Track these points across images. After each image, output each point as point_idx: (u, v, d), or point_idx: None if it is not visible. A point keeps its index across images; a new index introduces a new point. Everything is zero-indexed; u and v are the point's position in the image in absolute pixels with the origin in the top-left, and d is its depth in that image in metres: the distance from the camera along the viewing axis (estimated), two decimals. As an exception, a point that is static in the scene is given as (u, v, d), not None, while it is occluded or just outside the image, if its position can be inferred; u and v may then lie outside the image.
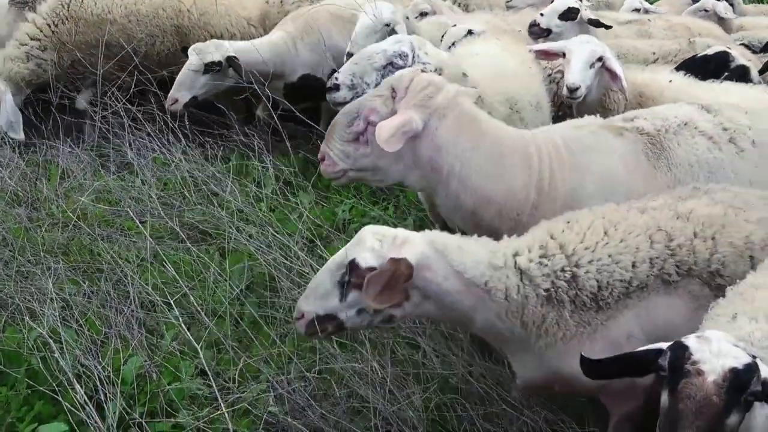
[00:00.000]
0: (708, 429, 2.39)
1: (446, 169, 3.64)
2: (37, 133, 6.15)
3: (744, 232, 3.23)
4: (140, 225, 4.03)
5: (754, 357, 2.41)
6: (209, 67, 5.86)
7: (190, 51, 5.98)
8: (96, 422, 3.18)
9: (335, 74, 4.58)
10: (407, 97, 3.62)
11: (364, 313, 3.08)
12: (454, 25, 6.19)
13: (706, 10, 8.05)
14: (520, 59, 5.22)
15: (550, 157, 3.77)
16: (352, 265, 3.01)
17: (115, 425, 3.20)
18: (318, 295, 3.11)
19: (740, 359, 2.40)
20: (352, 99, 4.38)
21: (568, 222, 3.29)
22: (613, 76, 4.86)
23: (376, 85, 4.35)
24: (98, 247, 4.21)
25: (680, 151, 3.99)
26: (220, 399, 3.25)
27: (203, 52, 5.89)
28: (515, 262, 3.11)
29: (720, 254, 3.16)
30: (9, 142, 5.40)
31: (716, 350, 2.44)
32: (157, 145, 5.30)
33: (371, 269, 2.96)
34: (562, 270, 3.07)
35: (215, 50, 5.89)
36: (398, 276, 2.92)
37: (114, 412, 3.25)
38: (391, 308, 3.01)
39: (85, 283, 4.00)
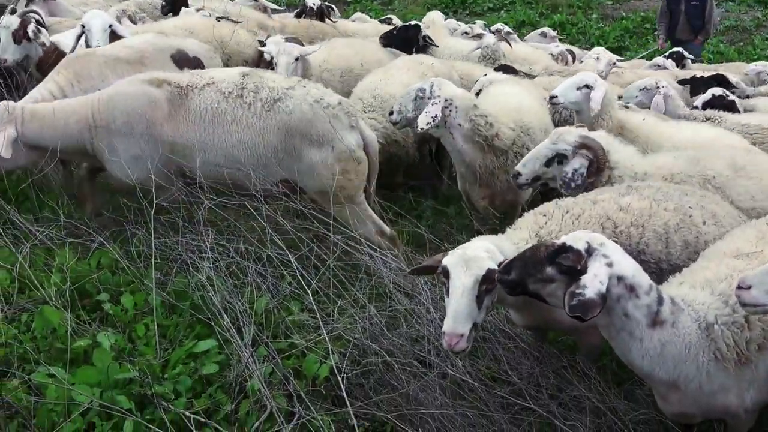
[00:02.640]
0: (529, 261, 3.10)
1: (41, 142, 4.96)
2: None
3: (664, 219, 3.83)
4: (267, 207, 4.64)
5: (589, 252, 2.96)
6: None
7: None
8: (237, 341, 3.72)
9: (392, 106, 5.48)
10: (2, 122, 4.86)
11: (489, 309, 3.50)
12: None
13: (658, 65, 9.91)
14: (535, 98, 6.00)
15: (98, 101, 5.01)
16: (489, 275, 3.32)
17: (249, 343, 3.72)
18: (467, 315, 3.30)
19: (576, 242, 3.02)
20: (401, 120, 5.38)
21: (544, 215, 3.90)
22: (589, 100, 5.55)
23: (413, 110, 5.28)
24: (239, 222, 4.77)
25: (195, 101, 4.94)
26: (322, 327, 3.74)
27: None
28: None
29: (646, 238, 3.77)
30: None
31: (577, 235, 3.11)
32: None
33: (494, 271, 3.32)
34: None
35: None
36: None
37: (249, 334, 3.77)
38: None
39: (230, 245, 4.51)
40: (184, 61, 6.44)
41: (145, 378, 3.50)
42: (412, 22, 9.05)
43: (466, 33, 11.16)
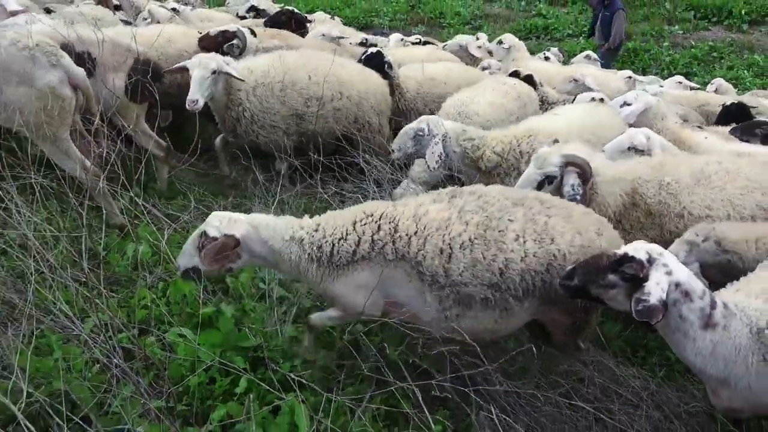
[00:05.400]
0: (591, 269, 3.31)
1: None
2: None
3: (453, 234, 3.66)
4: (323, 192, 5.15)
5: (650, 262, 3.14)
6: None
7: None
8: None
9: (391, 146, 5.83)
10: None
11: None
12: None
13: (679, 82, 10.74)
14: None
15: None
16: (204, 235, 3.69)
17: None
18: (186, 254, 3.74)
19: (638, 253, 3.19)
20: (401, 156, 5.76)
21: (337, 213, 3.98)
22: None
23: (413, 146, 5.67)
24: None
25: None
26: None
27: None
28: (298, 235, 3.84)
29: (424, 251, 3.66)
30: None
31: (637, 246, 3.27)
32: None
33: (214, 239, 3.67)
34: (318, 240, 3.78)
35: None
36: (227, 246, 3.66)
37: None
38: (229, 263, 3.74)
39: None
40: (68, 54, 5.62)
41: (259, 343, 3.96)
42: (375, 50, 7.92)
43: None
